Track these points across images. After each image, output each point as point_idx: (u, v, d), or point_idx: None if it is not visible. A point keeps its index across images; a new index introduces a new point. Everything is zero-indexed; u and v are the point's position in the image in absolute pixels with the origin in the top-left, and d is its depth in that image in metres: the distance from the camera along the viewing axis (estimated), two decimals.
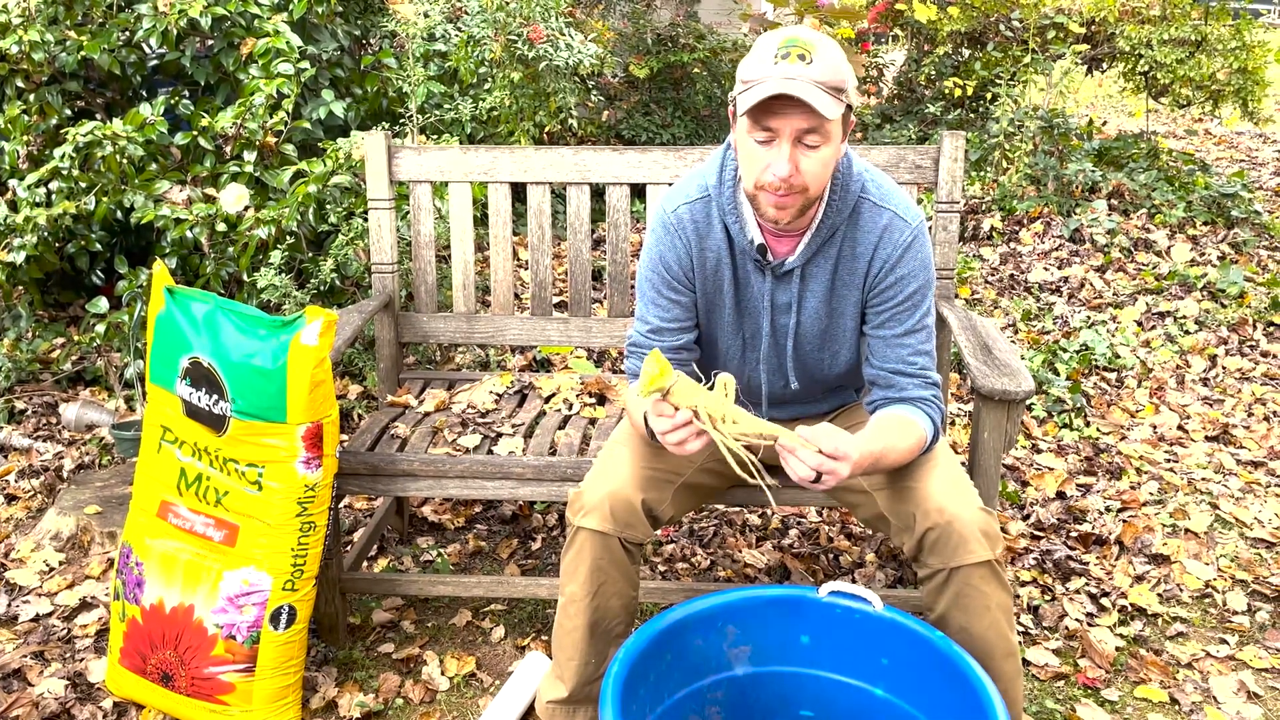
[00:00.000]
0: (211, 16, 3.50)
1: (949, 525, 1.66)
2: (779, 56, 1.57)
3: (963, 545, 1.66)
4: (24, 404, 3.43)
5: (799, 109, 1.57)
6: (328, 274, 3.26)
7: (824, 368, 1.90)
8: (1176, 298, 4.26)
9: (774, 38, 1.61)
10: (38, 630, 2.40)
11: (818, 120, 1.58)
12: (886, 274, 1.78)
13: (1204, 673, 2.27)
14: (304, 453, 1.95)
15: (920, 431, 1.75)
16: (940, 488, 1.71)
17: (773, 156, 1.61)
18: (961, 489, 1.73)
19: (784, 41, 1.59)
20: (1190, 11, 5.60)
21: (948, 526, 1.67)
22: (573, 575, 1.77)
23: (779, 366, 1.90)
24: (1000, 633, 1.69)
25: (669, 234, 1.82)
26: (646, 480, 1.79)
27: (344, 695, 2.19)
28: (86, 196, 3.30)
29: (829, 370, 1.90)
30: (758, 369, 1.90)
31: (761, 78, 1.57)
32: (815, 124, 1.58)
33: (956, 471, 1.78)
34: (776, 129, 1.59)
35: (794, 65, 1.56)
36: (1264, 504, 2.95)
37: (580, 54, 3.89)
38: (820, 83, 1.56)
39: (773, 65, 1.57)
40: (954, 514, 1.67)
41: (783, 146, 1.60)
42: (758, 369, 1.90)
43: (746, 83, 1.60)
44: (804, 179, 1.62)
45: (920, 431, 1.75)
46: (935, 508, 1.68)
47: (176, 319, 2.00)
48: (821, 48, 1.58)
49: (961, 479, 1.76)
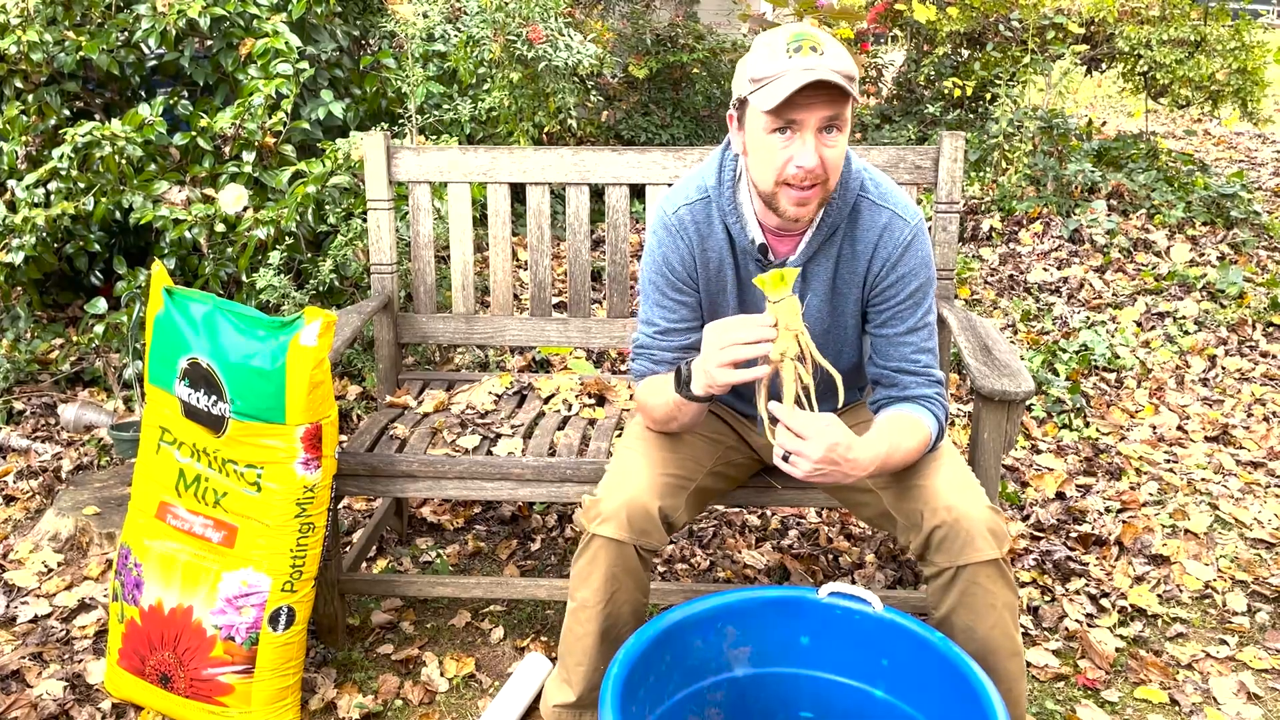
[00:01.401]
0: (210, 17, 3.50)
1: (956, 523, 1.66)
2: (791, 50, 1.57)
3: (970, 543, 1.65)
4: (22, 405, 3.42)
5: (822, 99, 1.57)
6: (327, 275, 3.26)
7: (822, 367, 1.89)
8: (1176, 298, 4.26)
9: (779, 35, 1.60)
10: (36, 631, 2.40)
11: (839, 107, 1.59)
12: (888, 273, 1.78)
13: (1204, 673, 2.27)
14: (303, 454, 1.95)
15: (925, 430, 1.75)
16: (947, 485, 1.71)
17: (795, 149, 1.61)
18: (969, 487, 1.73)
19: (792, 36, 1.59)
20: (1189, 12, 5.60)
21: (955, 524, 1.66)
22: (585, 581, 1.76)
23: None
24: (1006, 632, 1.69)
25: (671, 235, 1.82)
26: (663, 487, 1.78)
27: (343, 696, 2.18)
28: (85, 197, 3.30)
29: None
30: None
31: (779, 72, 1.57)
32: (837, 111, 1.59)
33: (963, 469, 1.78)
34: (801, 120, 1.59)
35: (808, 57, 1.56)
36: (1264, 504, 2.95)
37: (579, 54, 3.89)
38: (837, 71, 1.56)
39: (787, 59, 1.56)
40: (962, 512, 1.67)
41: (806, 138, 1.60)
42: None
43: (759, 80, 1.59)
44: (826, 170, 1.63)
45: (925, 430, 1.75)
46: (943, 505, 1.68)
47: (175, 320, 2.00)
48: (828, 40, 1.59)
49: (968, 477, 1.76)
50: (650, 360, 1.87)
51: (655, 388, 1.82)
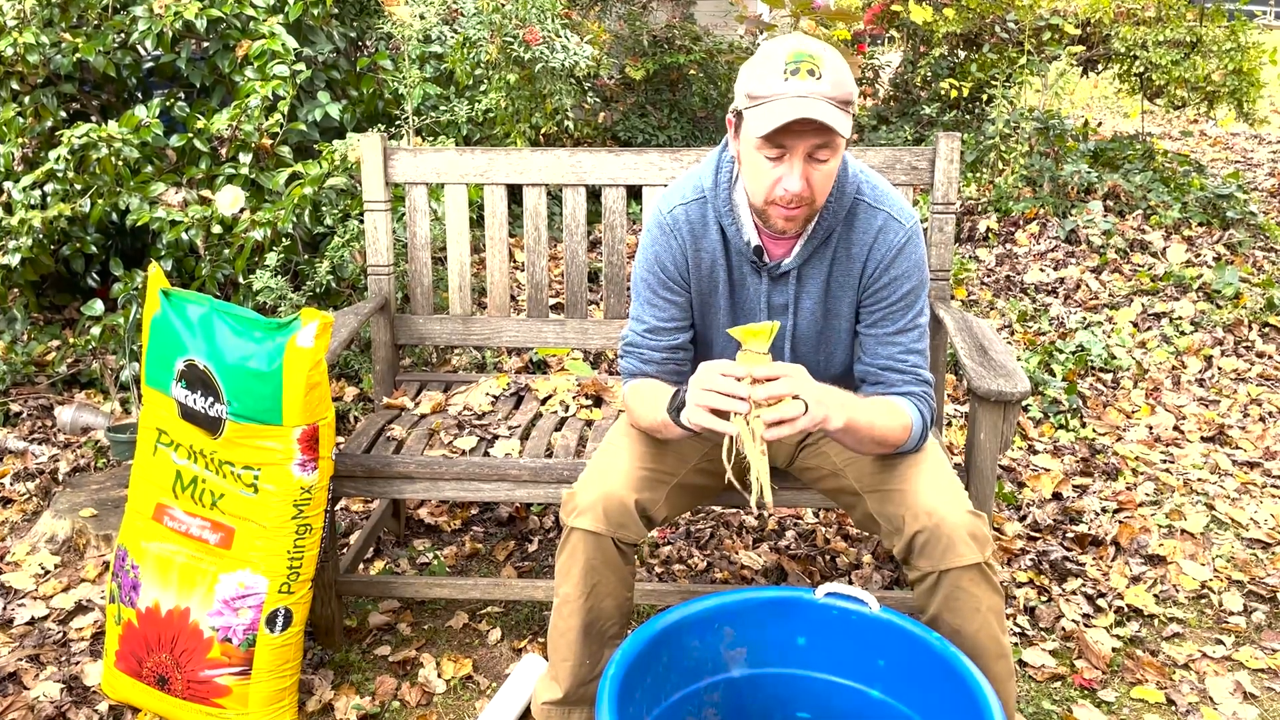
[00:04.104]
0: (207, 19, 3.49)
1: (937, 528, 1.67)
2: (788, 72, 1.56)
3: (951, 549, 1.66)
4: (19, 407, 3.42)
5: (814, 127, 1.57)
6: (323, 276, 3.26)
7: (820, 370, 1.90)
8: (1172, 299, 4.27)
9: (779, 50, 1.59)
10: (33, 633, 2.39)
11: (830, 136, 1.58)
12: (881, 274, 1.78)
13: (1200, 673, 2.27)
14: (300, 455, 1.95)
15: (906, 417, 1.74)
16: (928, 490, 1.72)
17: (783, 172, 1.62)
18: (950, 491, 1.73)
19: (791, 56, 1.57)
20: (1185, 13, 5.61)
21: (935, 530, 1.67)
22: (566, 576, 1.77)
23: None
24: (991, 635, 1.69)
25: (664, 234, 1.83)
26: (641, 481, 1.79)
27: (340, 698, 2.18)
28: (82, 199, 3.30)
29: (824, 372, 1.90)
30: None
31: (772, 95, 1.56)
32: (827, 139, 1.59)
33: (946, 474, 1.78)
34: (790, 146, 1.59)
35: (805, 81, 1.55)
36: (1260, 504, 2.96)
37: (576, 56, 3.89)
38: (831, 98, 1.56)
39: (783, 82, 1.56)
40: (941, 517, 1.67)
41: (795, 164, 1.60)
42: None
43: (755, 99, 1.59)
44: (813, 192, 1.64)
45: (906, 417, 1.74)
46: (924, 510, 1.68)
47: (172, 321, 2.00)
48: (828, 60, 1.58)
49: (951, 481, 1.76)
50: (639, 360, 1.87)
51: (645, 398, 1.81)
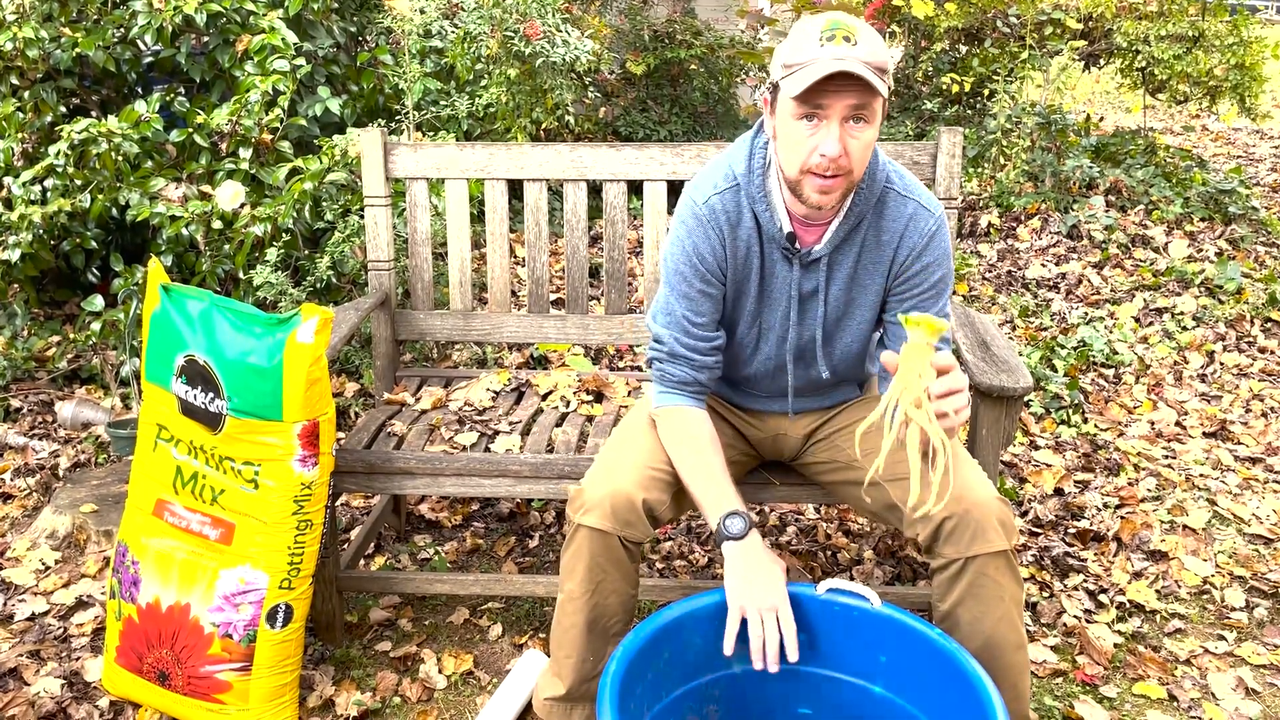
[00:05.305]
0: (207, 13, 3.49)
1: (967, 514, 1.66)
2: (825, 39, 1.57)
3: (981, 534, 1.65)
4: (19, 402, 3.42)
5: (850, 88, 1.57)
6: (324, 271, 3.26)
7: (836, 357, 1.90)
8: (1174, 294, 4.26)
9: (814, 22, 1.61)
10: (33, 629, 2.39)
11: (867, 98, 1.58)
12: (913, 261, 1.78)
13: (1202, 669, 2.27)
14: (300, 450, 1.95)
15: None
16: (959, 475, 1.70)
17: (820, 138, 1.61)
18: (979, 477, 1.72)
19: (828, 25, 1.59)
20: (1188, 7, 5.60)
21: (966, 515, 1.66)
22: (571, 573, 1.77)
23: (808, 356, 1.89)
24: (1012, 625, 1.69)
25: (702, 226, 1.80)
26: (649, 480, 1.78)
27: (341, 694, 2.18)
28: (82, 194, 3.30)
29: (841, 360, 1.90)
30: (783, 360, 1.89)
31: (809, 59, 1.57)
32: (865, 101, 1.59)
33: (970, 461, 1.78)
34: (827, 107, 1.59)
35: (841, 46, 1.56)
36: (1262, 500, 2.95)
37: (577, 50, 3.89)
38: (868, 63, 1.56)
39: (819, 47, 1.57)
40: (973, 501, 1.66)
41: (831, 127, 1.60)
42: (783, 360, 1.89)
43: (791, 66, 1.60)
44: (850, 161, 1.63)
45: None
46: (954, 495, 1.67)
47: (172, 317, 1.99)
48: (863, 30, 1.59)
49: (976, 467, 1.76)
50: (690, 367, 1.83)
51: (683, 438, 1.80)
